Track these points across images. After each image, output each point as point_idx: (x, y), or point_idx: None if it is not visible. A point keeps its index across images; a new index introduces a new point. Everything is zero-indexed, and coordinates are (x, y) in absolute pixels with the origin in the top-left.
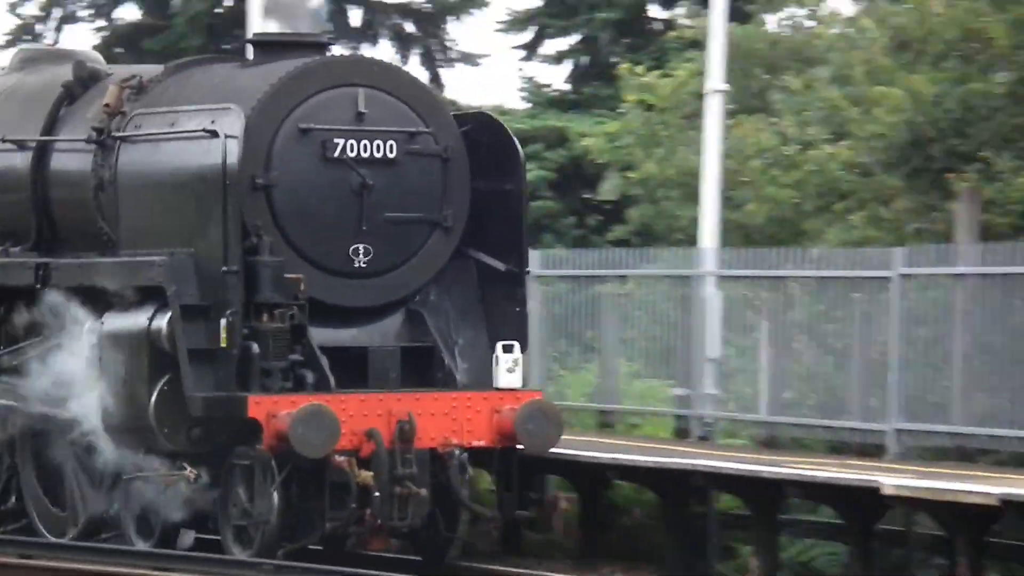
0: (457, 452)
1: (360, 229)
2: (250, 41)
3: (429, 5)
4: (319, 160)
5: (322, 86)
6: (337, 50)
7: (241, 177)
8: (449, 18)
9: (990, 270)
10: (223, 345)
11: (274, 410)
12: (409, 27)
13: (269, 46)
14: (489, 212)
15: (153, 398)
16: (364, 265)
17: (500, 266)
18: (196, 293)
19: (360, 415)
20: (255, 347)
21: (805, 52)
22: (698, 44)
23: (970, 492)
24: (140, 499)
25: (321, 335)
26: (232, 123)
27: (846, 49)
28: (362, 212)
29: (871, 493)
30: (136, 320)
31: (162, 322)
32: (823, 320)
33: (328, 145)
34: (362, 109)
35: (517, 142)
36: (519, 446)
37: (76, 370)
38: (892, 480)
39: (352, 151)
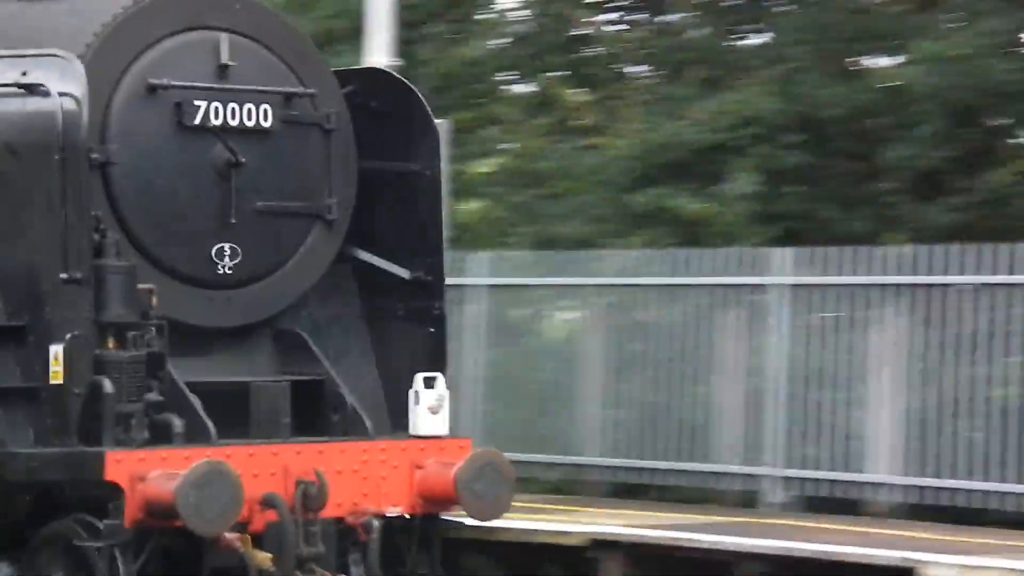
0: (376, 523)
1: (226, 223)
2: None
3: None
4: (172, 128)
5: (172, 28)
6: None
7: (82, 151)
8: None
9: None
10: (56, 381)
11: (140, 470)
12: None
13: None
14: (382, 201)
15: None
16: (230, 271)
17: (403, 273)
18: (1, 311)
19: (249, 475)
20: (107, 384)
21: None
22: None
23: None
24: None
25: (179, 367)
26: (64, 76)
27: None
28: (229, 200)
29: None
30: None
31: None
32: None
33: (186, 108)
34: (226, 60)
35: (428, 109)
36: (449, 514)
37: None
38: None
39: (217, 117)
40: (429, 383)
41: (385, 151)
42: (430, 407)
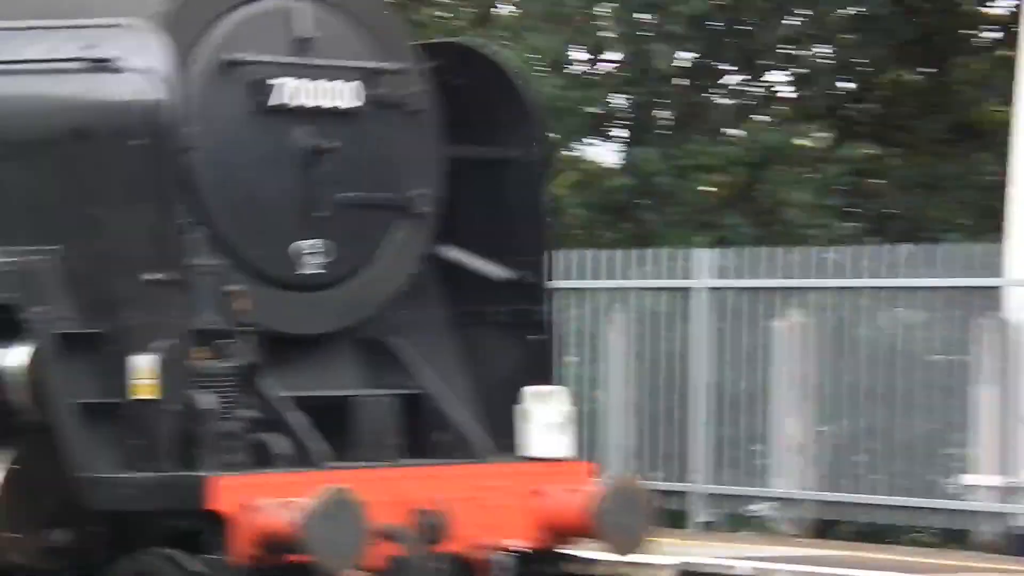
0: (501, 558)
1: (309, 216)
2: None
3: None
4: (250, 110)
5: None
6: None
7: (171, 135)
8: None
9: None
10: (143, 396)
11: (250, 498)
12: None
13: None
14: (470, 192)
15: None
16: (314, 271)
17: (500, 273)
18: (74, 316)
19: None
20: (207, 400)
21: None
22: None
23: None
24: None
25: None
26: (143, 48)
27: None
28: (314, 191)
29: None
30: None
31: (14, 361)
32: None
33: (263, 87)
34: (308, 32)
35: (525, 87)
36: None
37: None
38: None
39: (298, 97)
40: (544, 398)
41: (473, 135)
42: (551, 424)
